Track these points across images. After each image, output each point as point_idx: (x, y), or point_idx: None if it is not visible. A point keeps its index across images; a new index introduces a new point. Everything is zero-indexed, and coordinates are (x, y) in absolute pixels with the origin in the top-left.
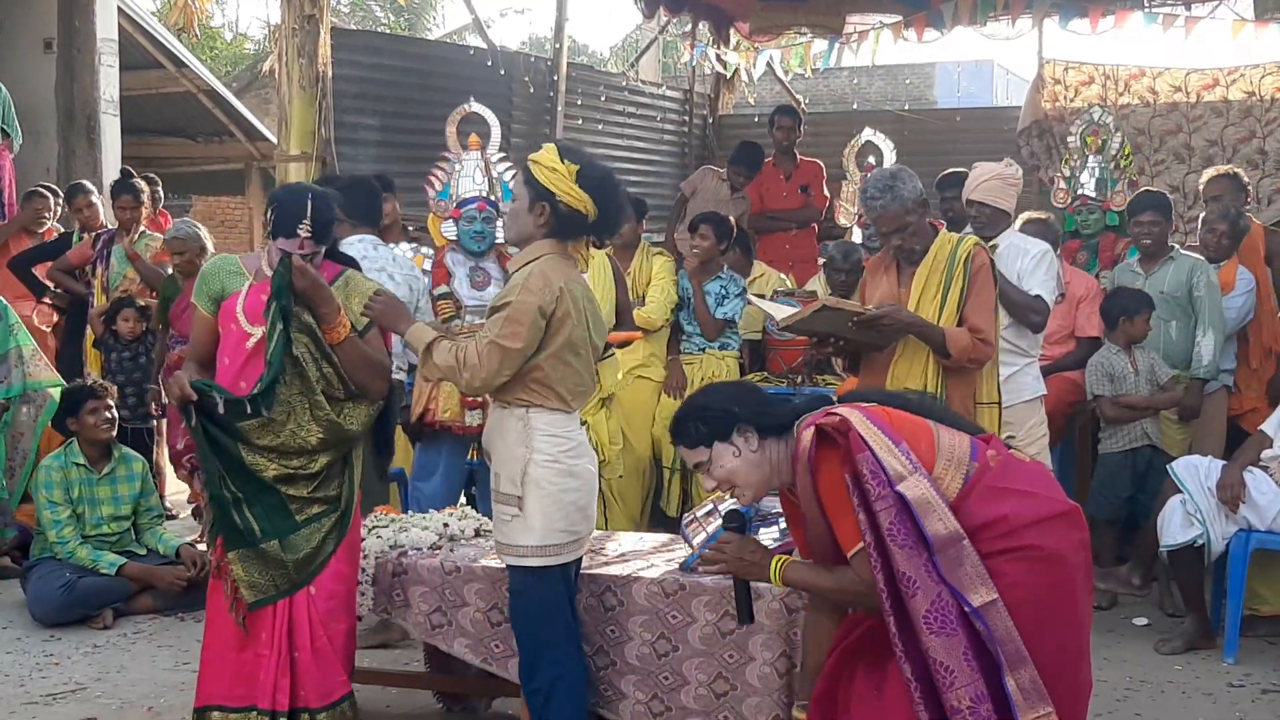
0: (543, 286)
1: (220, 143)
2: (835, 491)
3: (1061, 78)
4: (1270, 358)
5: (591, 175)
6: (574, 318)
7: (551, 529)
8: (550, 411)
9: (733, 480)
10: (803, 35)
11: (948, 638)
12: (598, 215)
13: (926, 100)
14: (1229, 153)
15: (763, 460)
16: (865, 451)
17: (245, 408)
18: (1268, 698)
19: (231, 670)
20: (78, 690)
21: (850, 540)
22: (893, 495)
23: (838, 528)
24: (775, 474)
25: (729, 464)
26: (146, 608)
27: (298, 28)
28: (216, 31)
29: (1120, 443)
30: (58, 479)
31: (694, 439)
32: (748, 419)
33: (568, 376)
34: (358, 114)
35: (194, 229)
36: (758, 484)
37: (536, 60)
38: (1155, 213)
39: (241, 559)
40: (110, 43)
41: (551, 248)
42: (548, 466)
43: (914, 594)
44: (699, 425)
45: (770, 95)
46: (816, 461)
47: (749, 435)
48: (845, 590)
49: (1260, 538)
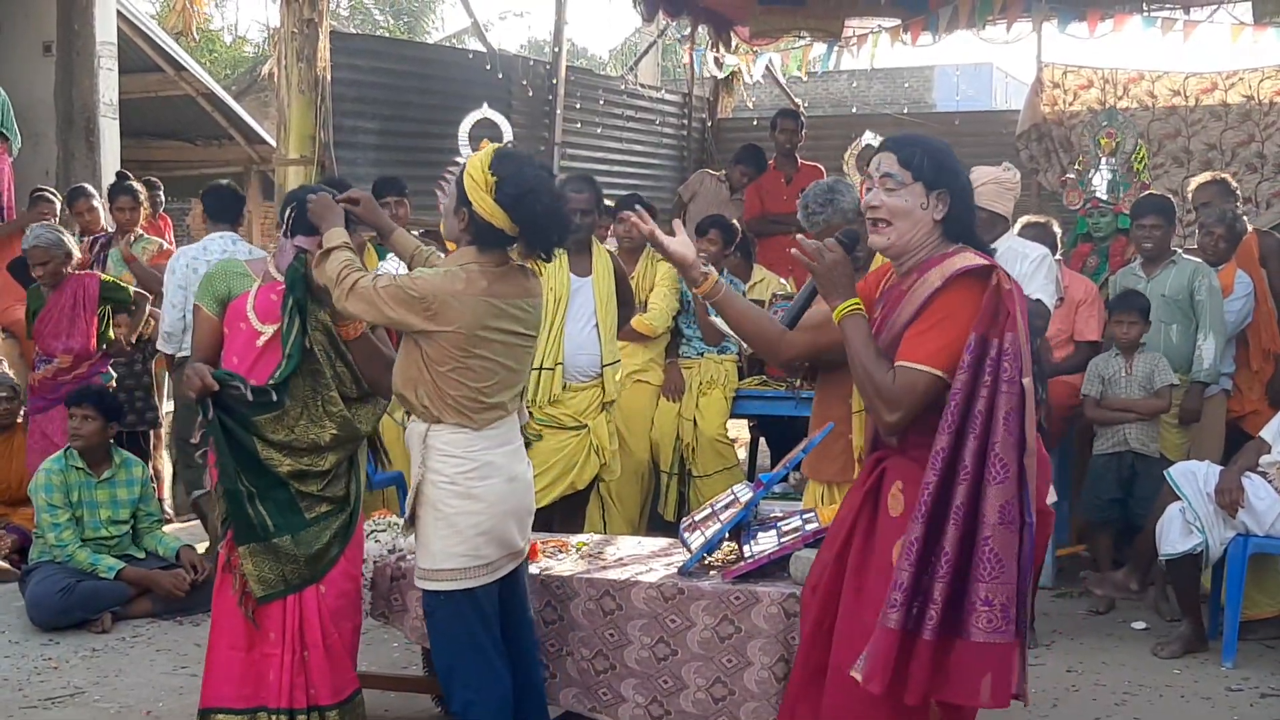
0: (435, 289)
1: (219, 146)
2: (948, 315)
3: (1060, 81)
4: (1269, 360)
5: (511, 190)
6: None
7: (449, 553)
8: (451, 429)
9: (892, 218)
10: (802, 39)
11: (1012, 535)
12: (519, 231)
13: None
14: (1227, 156)
15: (929, 231)
16: (1016, 332)
17: (271, 396)
18: (1266, 701)
19: (239, 671)
20: (76, 694)
21: (918, 355)
22: (1019, 384)
23: (918, 336)
24: (917, 251)
25: (907, 205)
26: (145, 611)
27: (297, 31)
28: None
29: (1104, 445)
30: (57, 482)
31: (912, 163)
32: (956, 195)
33: (466, 394)
34: (357, 117)
35: (56, 235)
36: (907, 239)
37: (535, 64)
38: (1158, 216)
39: (252, 554)
40: (109, 46)
41: (474, 257)
42: (443, 488)
43: (1003, 480)
44: (925, 157)
45: (769, 99)
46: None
47: (943, 205)
48: (871, 377)
49: (1258, 542)
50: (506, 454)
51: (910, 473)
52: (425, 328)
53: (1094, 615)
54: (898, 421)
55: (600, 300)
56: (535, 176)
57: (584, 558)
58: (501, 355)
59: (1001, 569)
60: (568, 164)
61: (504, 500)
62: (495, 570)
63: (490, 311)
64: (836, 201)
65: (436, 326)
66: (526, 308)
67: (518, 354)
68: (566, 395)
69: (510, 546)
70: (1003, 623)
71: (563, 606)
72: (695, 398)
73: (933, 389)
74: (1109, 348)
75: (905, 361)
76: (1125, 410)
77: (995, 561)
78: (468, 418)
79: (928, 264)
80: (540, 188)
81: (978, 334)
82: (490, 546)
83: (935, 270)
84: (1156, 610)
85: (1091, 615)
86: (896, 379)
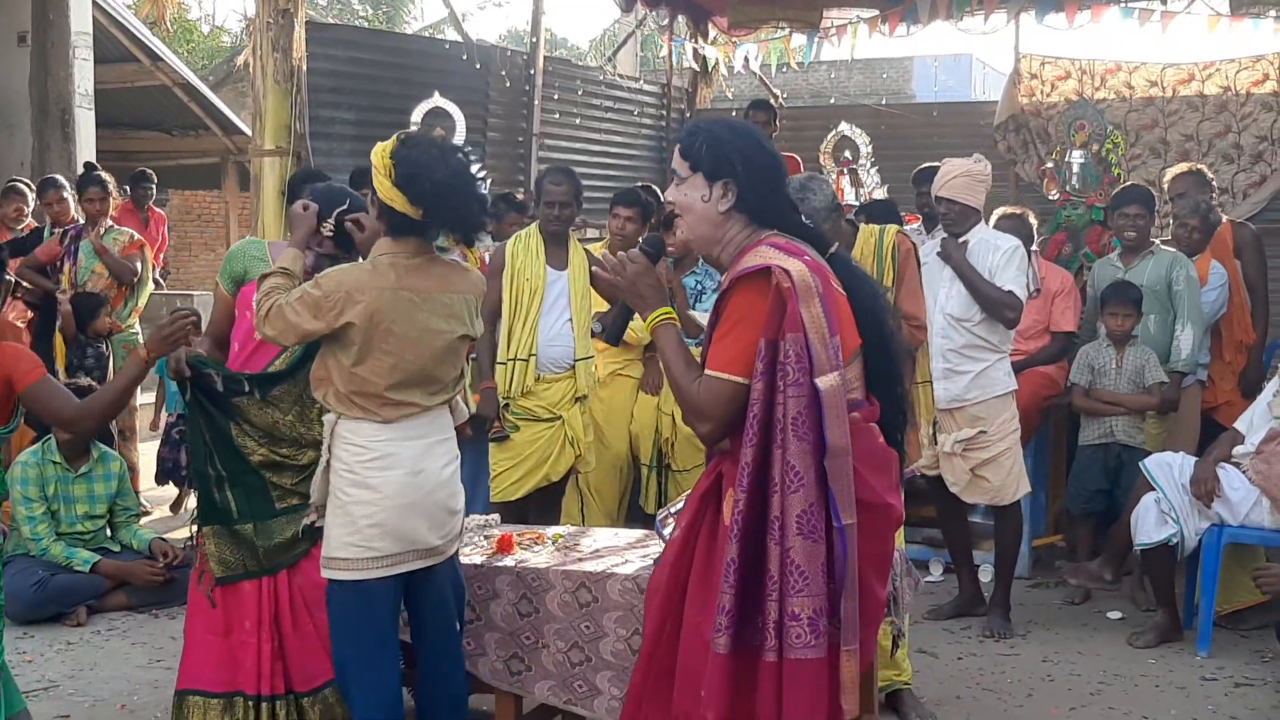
0: (336, 283)
1: (196, 136)
2: (740, 319)
3: (1038, 72)
4: (1242, 351)
5: (405, 170)
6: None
7: (342, 542)
8: (355, 420)
9: (682, 212)
10: (781, 29)
11: (814, 544)
12: (422, 214)
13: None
14: (1204, 147)
15: (720, 225)
16: (799, 332)
17: (243, 385)
18: (1240, 691)
19: (215, 656)
20: (51, 688)
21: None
22: (809, 385)
23: (718, 343)
24: (720, 247)
25: (689, 199)
26: (120, 605)
27: (272, 22)
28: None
29: (1090, 436)
30: (34, 475)
31: (691, 153)
32: (742, 183)
33: (371, 390)
34: (333, 108)
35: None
36: (700, 236)
37: (513, 54)
38: (1140, 206)
39: (215, 535)
40: (85, 36)
41: (388, 248)
42: (343, 475)
43: (796, 489)
44: (705, 146)
45: (749, 89)
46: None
47: (730, 193)
48: (680, 388)
49: (1233, 532)
50: (418, 447)
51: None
52: (334, 327)
53: (1070, 605)
54: (711, 431)
55: (575, 294)
56: (430, 156)
57: (560, 550)
58: (410, 351)
59: (806, 581)
60: (546, 155)
61: (403, 494)
62: (393, 565)
63: (396, 305)
64: (808, 200)
65: (341, 322)
66: (447, 302)
67: (434, 351)
68: (540, 387)
69: (413, 543)
70: (811, 637)
71: (538, 599)
72: None
73: (739, 396)
74: (1093, 337)
75: (710, 370)
76: (1114, 404)
77: (798, 574)
78: (370, 413)
79: (736, 257)
80: (435, 165)
81: (766, 339)
82: (385, 540)
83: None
84: (1132, 600)
85: (1067, 605)
86: (702, 388)
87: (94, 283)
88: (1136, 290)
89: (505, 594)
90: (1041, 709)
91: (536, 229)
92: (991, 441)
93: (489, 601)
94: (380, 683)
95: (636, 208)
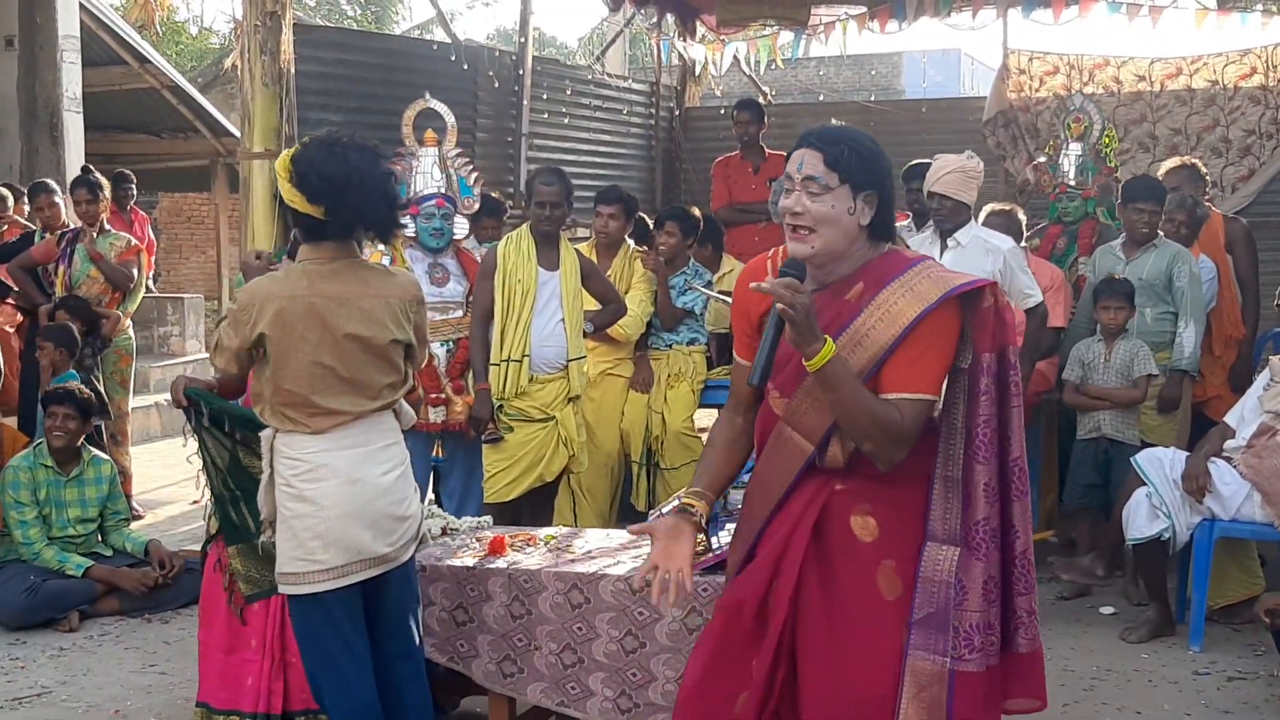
0: (249, 295)
1: (185, 139)
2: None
3: (1026, 68)
4: (1232, 345)
5: (299, 169)
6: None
7: (289, 557)
8: (288, 433)
9: (818, 224)
10: (769, 27)
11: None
12: (325, 213)
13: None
14: (1193, 141)
15: (856, 238)
16: (1015, 342)
17: (223, 424)
18: (1233, 685)
19: (218, 672)
20: (43, 694)
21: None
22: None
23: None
24: (846, 259)
25: (834, 211)
26: (113, 609)
27: (260, 24)
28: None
29: (1082, 431)
30: (25, 480)
31: (840, 163)
32: (882, 199)
33: (295, 400)
34: (321, 110)
35: None
36: (835, 247)
37: (502, 54)
38: (1154, 203)
39: (241, 554)
40: (72, 39)
41: (305, 254)
42: (281, 490)
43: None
44: (855, 157)
45: (738, 86)
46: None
47: (870, 209)
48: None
49: (1224, 526)
50: (351, 457)
51: (873, 493)
52: (250, 339)
53: (1062, 601)
54: (903, 453)
55: (567, 295)
56: (326, 153)
57: (552, 551)
58: (329, 358)
59: (1032, 579)
60: (535, 155)
61: (340, 504)
62: (341, 576)
63: (309, 312)
64: None
65: (256, 334)
66: (366, 307)
67: (354, 356)
68: (533, 387)
69: (359, 553)
70: (1034, 630)
71: (530, 600)
72: (663, 390)
73: (929, 414)
74: (1091, 332)
75: (909, 394)
76: (1101, 399)
77: (1028, 573)
78: (300, 424)
79: (868, 271)
80: (328, 162)
81: (991, 351)
82: (329, 551)
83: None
84: (1125, 595)
85: (1059, 601)
86: (905, 415)
87: (88, 287)
88: (1128, 284)
89: (498, 596)
90: None
91: (527, 230)
92: None
93: (481, 604)
94: (350, 691)
95: (619, 205)
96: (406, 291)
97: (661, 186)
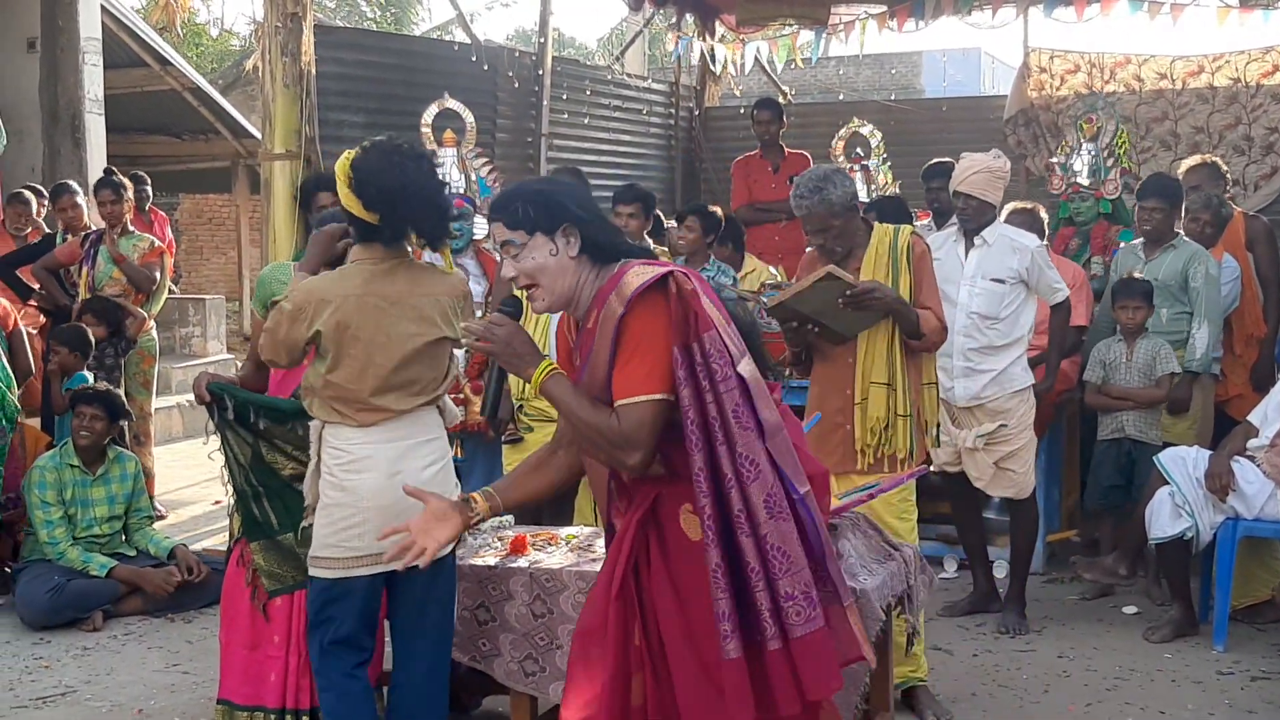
0: (305, 293)
1: (206, 140)
2: (643, 337)
3: (1047, 66)
4: (1253, 344)
5: (358, 176)
6: (344, 332)
7: (324, 542)
8: (335, 425)
9: (537, 278)
10: (789, 26)
11: (784, 523)
12: (380, 219)
13: (914, 89)
14: (1215, 139)
15: (574, 272)
16: (712, 329)
17: (248, 417)
18: (1256, 685)
19: (241, 669)
20: (67, 693)
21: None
22: (735, 377)
23: (623, 370)
24: (576, 294)
25: (541, 260)
26: (136, 609)
27: (281, 25)
28: (202, 28)
29: (1104, 432)
30: (51, 480)
31: (517, 220)
32: (581, 225)
33: (347, 395)
34: (342, 111)
35: None
36: (561, 292)
37: (521, 54)
38: (1157, 199)
39: (263, 550)
40: (94, 41)
41: (358, 254)
42: (325, 478)
43: (755, 478)
44: (528, 208)
45: (758, 86)
46: (639, 300)
47: (573, 240)
48: (597, 429)
49: (1247, 526)
50: (393, 450)
51: (691, 493)
52: (306, 337)
53: (1085, 600)
54: (642, 458)
55: None
56: (386, 162)
57: (573, 550)
58: (380, 355)
59: (789, 559)
60: (554, 155)
61: (379, 495)
62: (373, 564)
63: (363, 310)
64: (825, 192)
65: (312, 331)
66: (417, 305)
67: (406, 354)
68: None
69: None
70: (808, 609)
71: (552, 599)
72: None
73: (661, 413)
74: (1111, 332)
75: (625, 399)
76: (1123, 399)
77: (780, 554)
78: (348, 418)
79: (601, 294)
80: (388, 172)
81: (679, 345)
82: (364, 540)
83: (614, 296)
84: (1148, 595)
85: (1083, 600)
86: (623, 420)
87: (111, 288)
88: (1147, 283)
89: (519, 595)
90: (1058, 705)
91: None
92: (1013, 434)
93: (503, 603)
94: (351, 684)
95: (637, 203)
96: (452, 290)
97: (681, 186)
